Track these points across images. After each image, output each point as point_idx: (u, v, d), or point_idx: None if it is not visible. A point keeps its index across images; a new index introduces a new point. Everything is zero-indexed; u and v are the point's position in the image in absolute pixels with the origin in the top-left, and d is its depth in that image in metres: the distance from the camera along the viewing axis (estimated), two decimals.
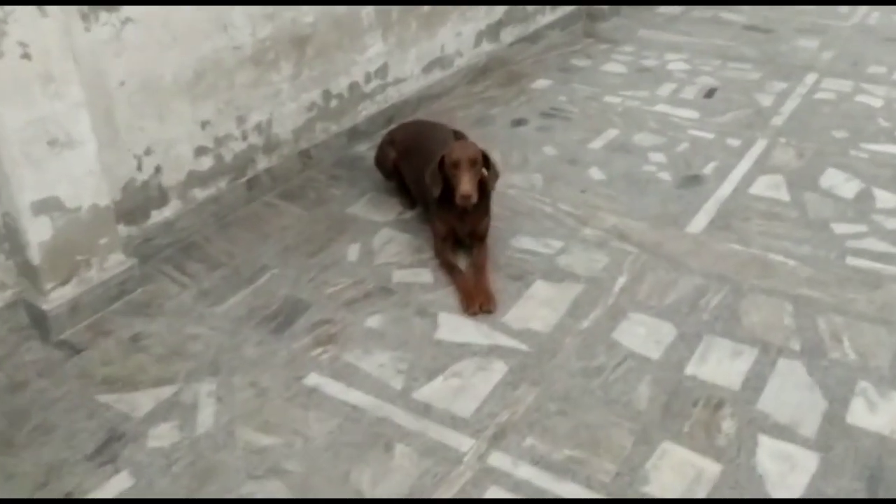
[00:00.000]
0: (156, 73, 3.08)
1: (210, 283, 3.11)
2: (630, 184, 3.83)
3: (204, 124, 3.35)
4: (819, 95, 4.77)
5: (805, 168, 3.94)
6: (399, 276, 3.16)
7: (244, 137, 3.56)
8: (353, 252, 3.31)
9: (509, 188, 3.80)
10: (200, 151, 3.37)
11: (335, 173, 3.95)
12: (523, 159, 4.08)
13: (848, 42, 5.62)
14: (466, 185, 2.96)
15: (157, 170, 3.21)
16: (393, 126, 3.84)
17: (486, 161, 3.10)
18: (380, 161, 3.66)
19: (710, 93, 4.85)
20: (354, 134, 4.19)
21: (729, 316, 2.90)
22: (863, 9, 6.33)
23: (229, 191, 3.55)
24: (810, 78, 5.02)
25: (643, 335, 2.81)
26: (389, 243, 3.37)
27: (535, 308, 2.95)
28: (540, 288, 3.07)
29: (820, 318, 2.88)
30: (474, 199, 2.98)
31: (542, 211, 3.60)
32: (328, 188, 3.81)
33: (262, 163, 3.70)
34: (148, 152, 3.15)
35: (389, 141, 3.63)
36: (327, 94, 3.96)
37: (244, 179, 3.62)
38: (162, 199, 3.26)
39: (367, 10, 4.04)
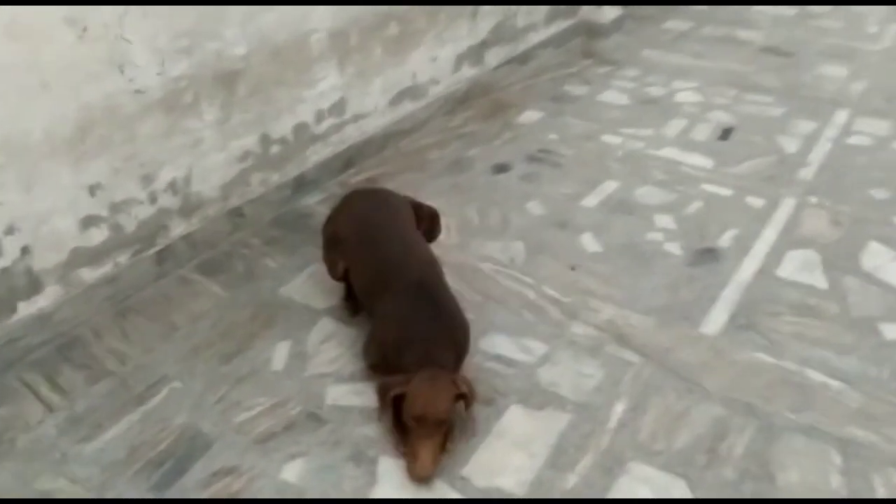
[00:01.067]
0: (18, 128, 2.36)
1: (86, 403, 2.41)
2: (631, 259, 3.13)
3: (93, 189, 2.63)
4: (852, 140, 4.07)
5: (842, 241, 3.24)
6: (334, 394, 2.45)
7: (152, 200, 2.85)
8: (279, 355, 2.61)
9: (484, 261, 3.10)
10: (89, 222, 2.66)
11: (273, 235, 3.24)
12: (503, 220, 3.38)
13: (880, 71, 4.92)
14: (425, 463, 2.11)
15: (25, 251, 2.49)
16: (338, 205, 2.84)
17: (463, 396, 2.24)
18: (327, 262, 2.80)
19: (725, 133, 4.15)
20: (301, 183, 3.48)
21: (759, 471, 2.21)
22: (893, 29, 5.63)
23: (131, 267, 2.84)
24: (840, 116, 4.32)
25: (650, 496, 2.12)
26: (328, 342, 2.67)
27: (507, 452, 2.26)
28: (515, 418, 2.37)
29: (876, 477, 2.19)
30: (432, 478, 2.17)
31: (522, 296, 2.90)
32: (261, 257, 3.10)
33: (178, 228, 2.99)
34: (10, 231, 2.43)
35: (333, 239, 2.75)
36: (266, 140, 3.24)
37: (152, 251, 2.91)
38: (33, 287, 2.55)
39: (318, 36, 3.32)
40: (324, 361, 2.58)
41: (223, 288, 2.92)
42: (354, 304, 2.77)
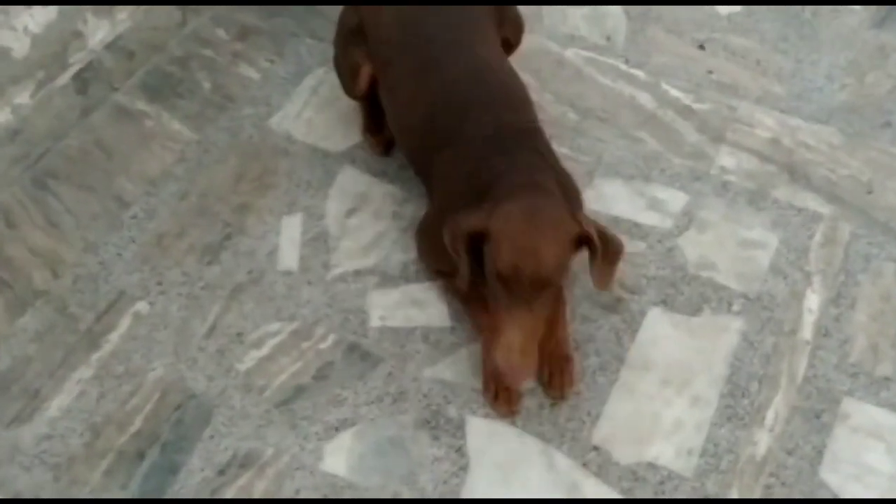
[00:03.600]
0: None
1: (13, 351, 1.59)
2: (786, 22, 2.10)
3: None
4: None
5: None
6: (381, 308, 1.63)
7: None
8: (288, 241, 1.73)
9: (568, 45, 2.08)
10: None
11: (245, 22, 2.17)
12: None
13: None
14: (512, 345, 1.27)
15: None
16: None
17: (588, 241, 1.34)
18: (342, 69, 1.81)
19: None
20: None
21: None
22: None
23: (39, 107, 1.85)
24: None
25: (887, 467, 1.40)
26: (359, 212, 1.78)
27: (656, 397, 1.49)
28: (659, 332, 1.57)
29: None
30: (531, 374, 1.33)
31: (634, 105, 1.94)
32: (234, 62, 2.08)
33: (99, 32, 1.93)
34: None
35: (357, 31, 1.73)
36: None
37: (66, 76, 1.89)
38: None
39: None
40: (357, 249, 1.72)
41: (184, 123, 1.94)
42: (384, 137, 1.83)
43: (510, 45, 1.86)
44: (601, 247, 1.32)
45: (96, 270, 1.70)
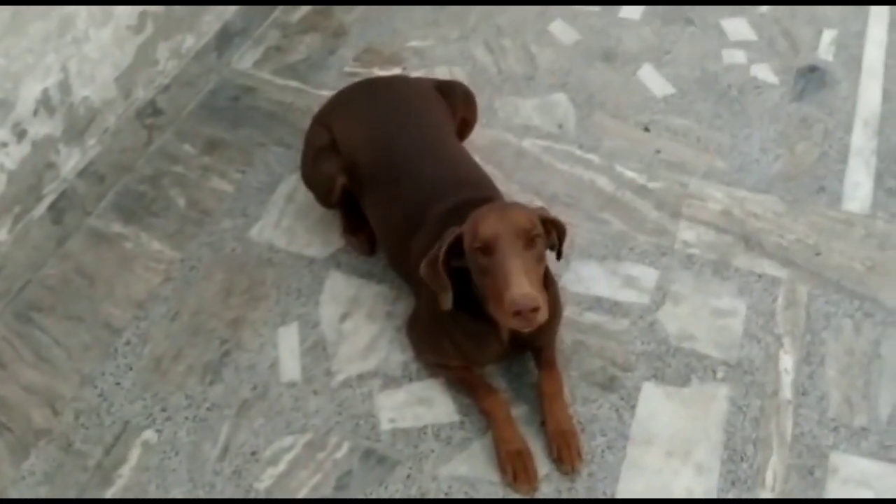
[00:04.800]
0: None
1: (24, 494, 1.56)
2: (717, 100, 2.29)
3: None
4: None
5: None
6: (391, 410, 1.67)
7: (20, 135, 1.77)
8: (287, 352, 1.76)
9: (524, 135, 2.21)
10: None
11: (209, 134, 2.21)
12: (526, 58, 2.42)
13: None
14: (521, 282, 1.34)
15: None
16: (331, 104, 1.91)
17: (545, 225, 1.48)
18: (315, 182, 1.91)
19: None
20: (226, 37, 2.38)
21: None
22: None
23: (18, 241, 1.84)
24: None
25: None
26: (352, 315, 1.83)
27: (663, 469, 1.59)
28: (654, 406, 1.67)
29: None
30: (543, 312, 1.36)
31: (594, 189, 2.08)
32: (205, 176, 2.11)
33: (71, 160, 1.94)
34: None
35: (327, 145, 1.83)
36: None
37: (42, 208, 1.89)
38: None
39: None
40: (356, 353, 1.76)
41: (164, 242, 1.96)
42: (367, 234, 1.90)
43: (468, 123, 1.99)
44: (555, 224, 1.49)
45: (97, 403, 1.68)
